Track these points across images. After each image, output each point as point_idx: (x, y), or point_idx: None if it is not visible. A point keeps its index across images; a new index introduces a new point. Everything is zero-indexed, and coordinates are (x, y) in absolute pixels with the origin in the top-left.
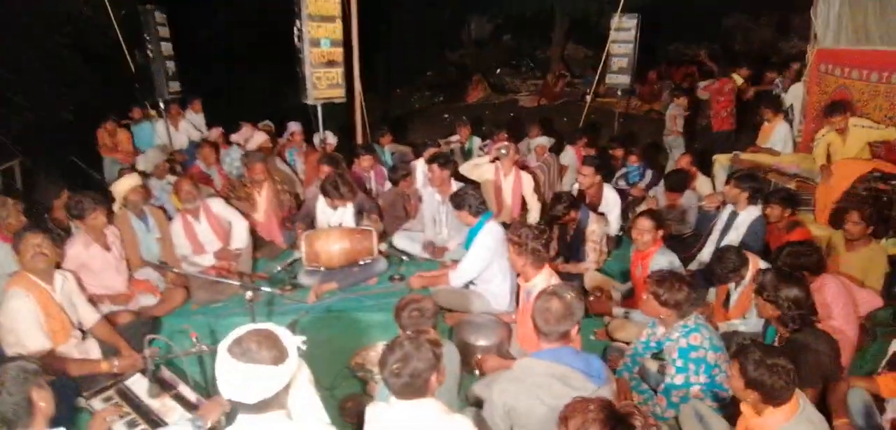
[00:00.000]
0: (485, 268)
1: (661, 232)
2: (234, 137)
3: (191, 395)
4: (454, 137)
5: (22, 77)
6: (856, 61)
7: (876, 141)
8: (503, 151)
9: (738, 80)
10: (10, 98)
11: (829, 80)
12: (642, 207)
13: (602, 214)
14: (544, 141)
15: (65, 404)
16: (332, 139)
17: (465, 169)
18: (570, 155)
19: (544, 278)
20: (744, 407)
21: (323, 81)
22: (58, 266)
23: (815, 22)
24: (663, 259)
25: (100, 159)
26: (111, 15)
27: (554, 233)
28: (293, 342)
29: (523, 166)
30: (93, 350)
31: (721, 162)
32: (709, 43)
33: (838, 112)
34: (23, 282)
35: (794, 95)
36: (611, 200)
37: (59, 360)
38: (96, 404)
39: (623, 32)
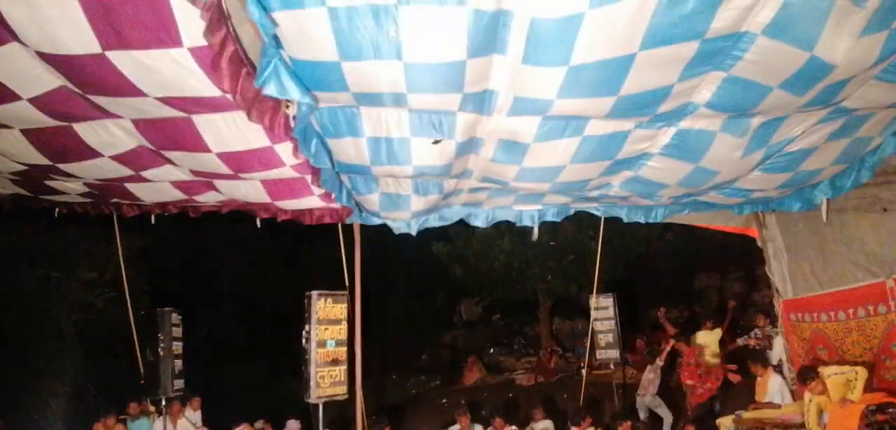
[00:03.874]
0: None
1: None
2: None
3: None
4: (455, 427)
5: (23, 356)
6: (821, 305)
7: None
8: None
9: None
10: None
11: (803, 326)
12: None
13: None
14: (548, 425)
15: None
16: None
17: None
18: None
19: None
20: None
21: (326, 380)
22: None
23: (772, 278)
24: None
25: None
26: (130, 314)
27: None
28: None
29: None
30: None
31: (725, 425)
32: (685, 306)
33: (812, 378)
34: None
35: (778, 349)
36: None
37: None
38: None
39: (602, 310)
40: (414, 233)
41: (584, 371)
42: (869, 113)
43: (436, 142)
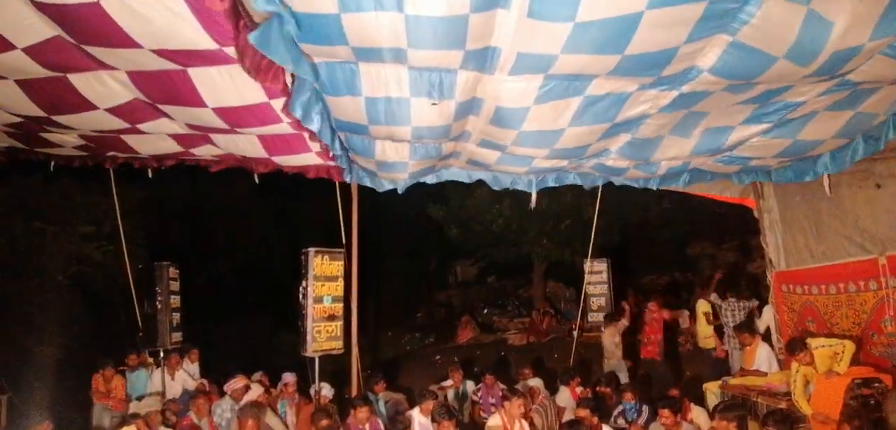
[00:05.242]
0: None
1: None
2: (227, 387)
3: None
4: (447, 382)
5: (19, 308)
6: (812, 278)
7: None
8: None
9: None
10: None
11: (794, 298)
12: None
13: None
14: (538, 383)
15: None
16: (327, 391)
17: None
18: (565, 396)
19: None
20: None
21: (323, 334)
22: None
23: (766, 249)
24: None
25: (88, 403)
26: (128, 267)
27: None
28: None
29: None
30: None
31: (712, 390)
32: (681, 270)
33: (800, 349)
34: None
35: (767, 318)
36: None
37: None
38: None
39: (596, 275)
40: (400, 191)
41: (575, 333)
42: (874, 87)
43: (434, 103)
